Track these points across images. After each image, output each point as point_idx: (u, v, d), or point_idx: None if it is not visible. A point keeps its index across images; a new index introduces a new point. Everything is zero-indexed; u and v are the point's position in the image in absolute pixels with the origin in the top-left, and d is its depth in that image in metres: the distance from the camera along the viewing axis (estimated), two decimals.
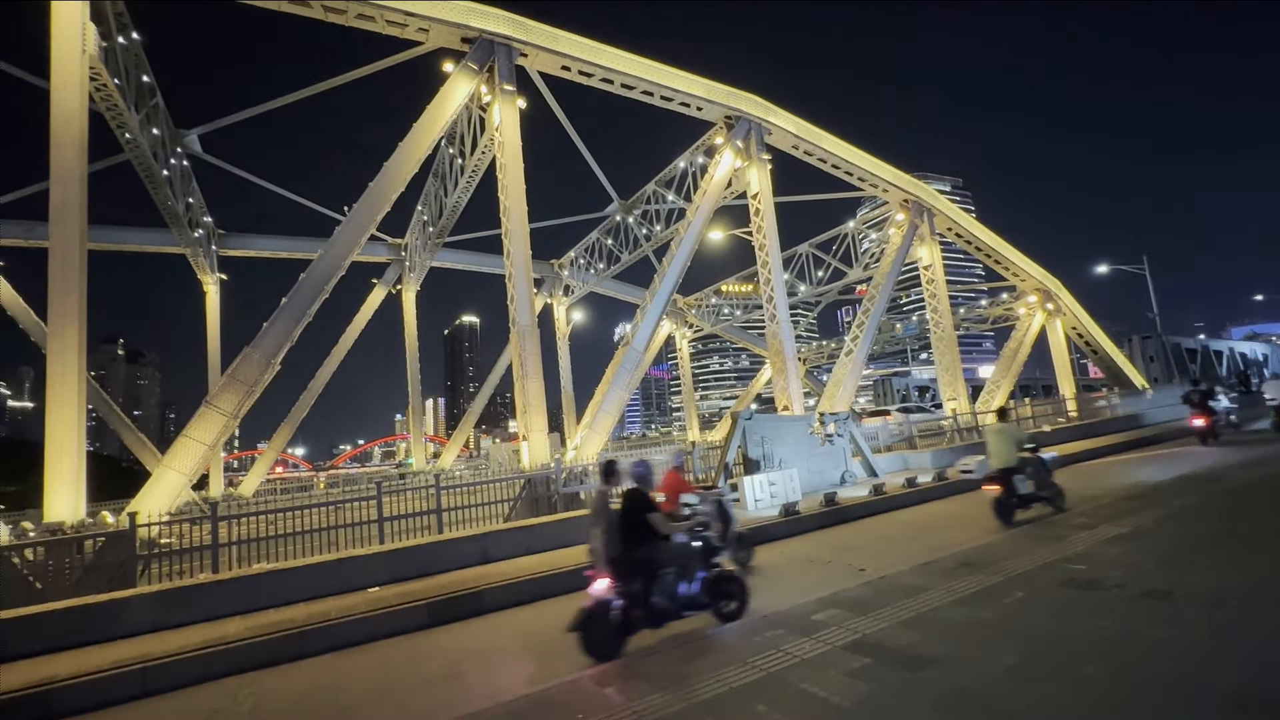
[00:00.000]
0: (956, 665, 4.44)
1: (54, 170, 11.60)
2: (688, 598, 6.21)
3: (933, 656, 4.62)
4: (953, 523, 9.11)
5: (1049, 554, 7.22)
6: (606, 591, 6.00)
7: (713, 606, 6.37)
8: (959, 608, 5.69)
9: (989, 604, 5.71)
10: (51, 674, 6.70)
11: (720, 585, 6.49)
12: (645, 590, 6.06)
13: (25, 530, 10.53)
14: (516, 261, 15.58)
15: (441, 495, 12.27)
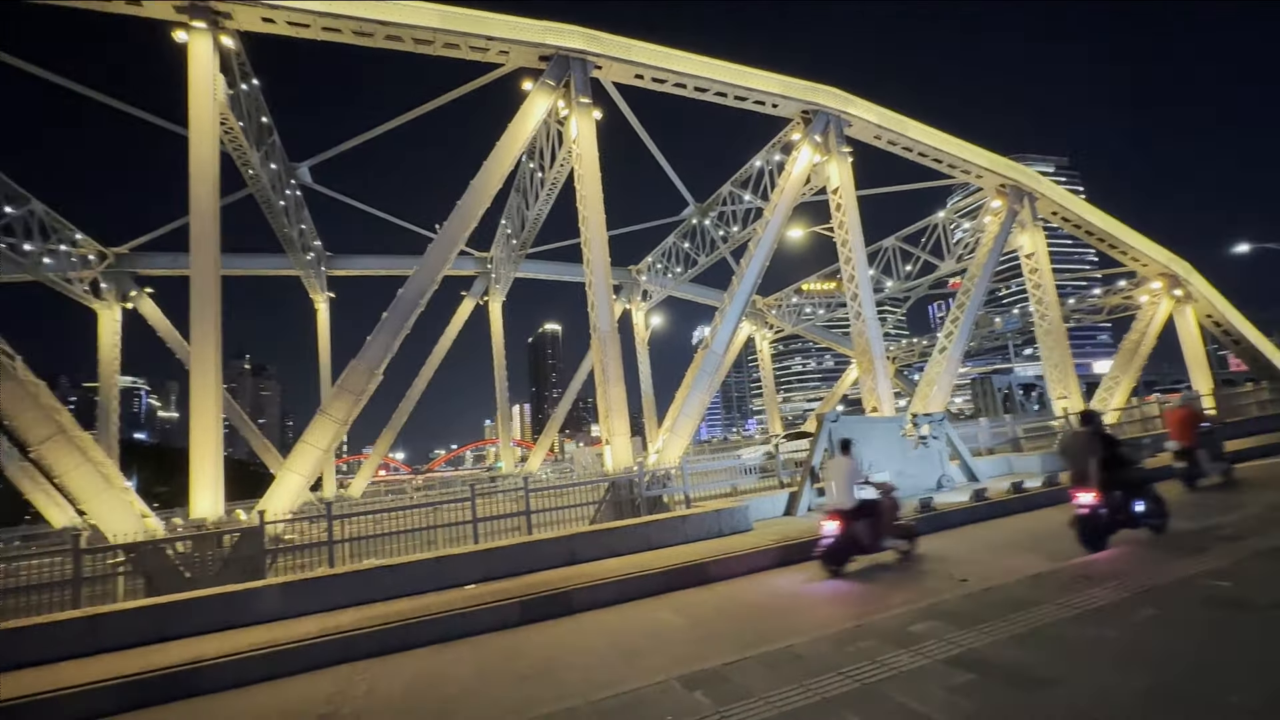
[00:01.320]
0: (1076, 687, 4.10)
1: (193, 207, 13.15)
2: (1140, 512, 8.22)
3: (1048, 676, 4.29)
4: (1066, 532, 8.39)
5: (1185, 568, 6.50)
6: (1095, 501, 7.95)
7: (1155, 520, 8.32)
8: (1078, 625, 5.24)
9: (1114, 622, 5.22)
10: (199, 654, 7.55)
11: (1153, 504, 8.37)
12: (1124, 502, 8.12)
13: (176, 526, 11.95)
14: (596, 269, 15.95)
15: (530, 498, 12.72)
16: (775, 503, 13.96)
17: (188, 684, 7.02)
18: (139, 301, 27.45)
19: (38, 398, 11.44)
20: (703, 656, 6.03)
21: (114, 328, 27.23)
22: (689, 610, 8.06)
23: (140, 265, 27.60)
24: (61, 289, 25.35)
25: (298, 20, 14.53)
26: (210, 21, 13.70)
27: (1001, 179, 25.39)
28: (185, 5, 13.46)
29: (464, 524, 12.37)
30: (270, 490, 12.62)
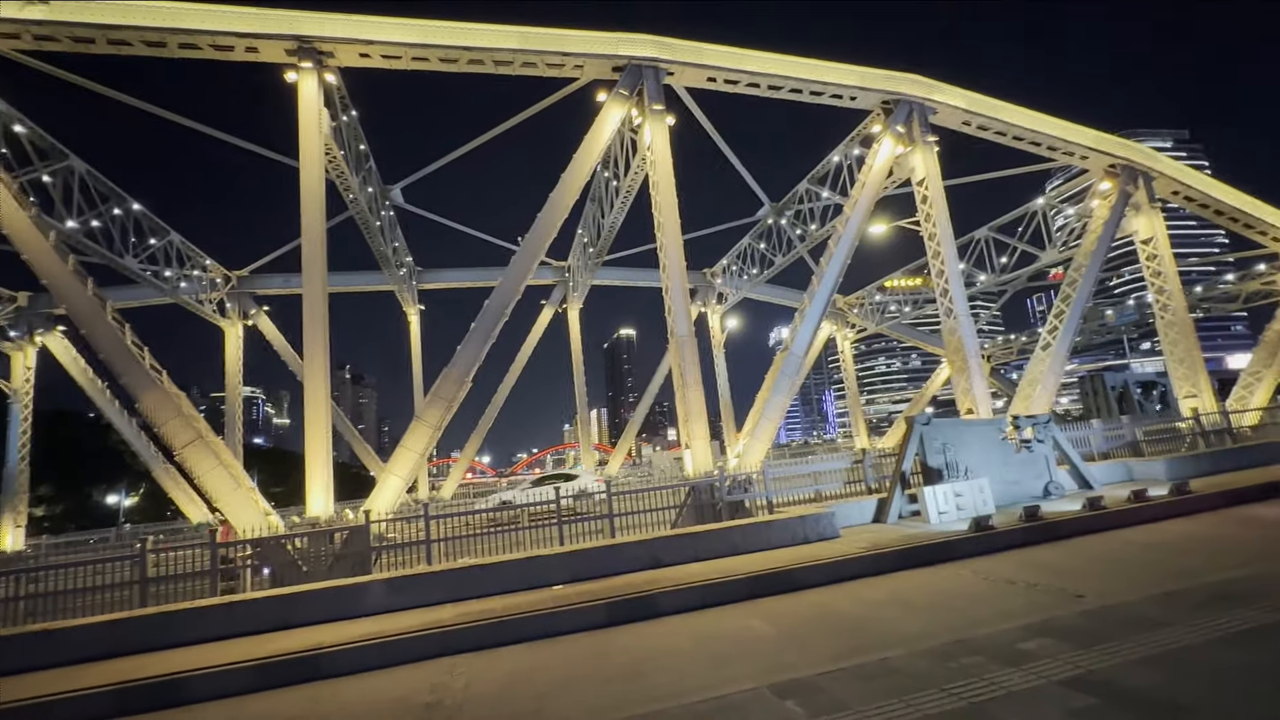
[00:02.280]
0: (1218, 716, 3.71)
1: (304, 231, 14.40)
2: None
3: (1184, 703, 3.90)
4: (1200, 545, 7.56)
5: None
6: None
7: None
8: (1219, 648, 4.73)
9: (1262, 646, 4.67)
10: (319, 641, 8.21)
11: None
12: None
13: (294, 523, 13.08)
14: (672, 274, 16.03)
15: (612, 501, 12.93)
16: (863, 509, 13.46)
17: (310, 668, 7.65)
18: (258, 319, 30.29)
19: (180, 407, 12.90)
20: (793, 665, 5.93)
21: (237, 343, 30.20)
22: (776, 618, 7.93)
23: (258, 286, 30.48)
24: (194, 309, 28.39)
25: (390, 53, 15.60)
26: (315, 61, 14.97)
27: (1111, 159, 23.32)
28: (295, 48, 14.78)
29: (549, 525, 12.75)
30: (374, 491, 13.57)
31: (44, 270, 13.23)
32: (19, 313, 27.32)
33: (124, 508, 60.62)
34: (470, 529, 12.88)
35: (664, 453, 42.98)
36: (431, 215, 27.65)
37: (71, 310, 13.52)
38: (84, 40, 14.01)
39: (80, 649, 8.85)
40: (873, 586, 9.02)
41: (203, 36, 14.30)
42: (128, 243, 22.54)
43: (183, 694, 7.30)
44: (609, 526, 13.11)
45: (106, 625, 9.11)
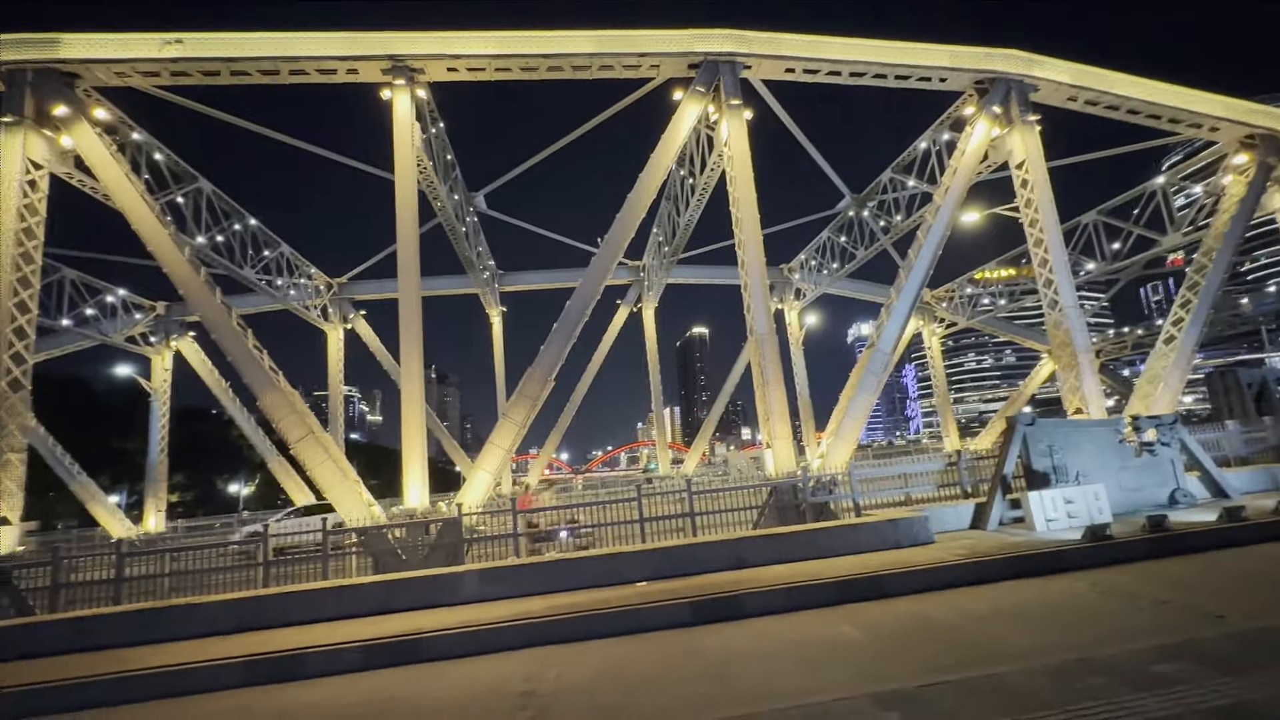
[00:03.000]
0: None
1: (399, 239, 15.32)
2: None
3: None
4: None
5: None
6: None
7: None
8: None
9: None
10: (419, 627, 8.69)
11: None
12: None
13: (394, 514, 13.94)
14: (751, 270, 15.79)
15: (693, 500, 12.91)
16: (959, 514, 12.72)
17: (412, 651, 8.11)
18: (355, 322, 32.48)
19: (294, 405, 14.05)
20: (890, 675, 5.69)
21: (338, 345, 32.52)
22: (868, 624, 7.64)
23: (355, 292, 32.67)
24: (301, 314, 30.81)
25: (475, 65, 16.28)
26: (408, 78, 15.86)
27: (1247, 129, 20.82)
28: (389, 67, 15.73)
29: (631, 523, 12.89)
30: (465, 486, 14.22)
31: (181, 282, 14.77)
32: (158, 321, 30.67)
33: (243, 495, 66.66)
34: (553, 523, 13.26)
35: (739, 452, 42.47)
36: (513, 220, 28.69)
37: (203, 317, 15.02)
38: (210, 74, 15.52)
39: (213, 623, 9.81)
40: (973, 596, 8.51)
41: (309, 62, 15.49)
42: (246, 255, 24.78)
43: (302, 668, 7.93)
44: (689, 525, 13.10)
45: (235, 602, 10.05)
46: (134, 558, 12.17)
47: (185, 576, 12.40)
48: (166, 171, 19.76)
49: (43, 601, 11.88)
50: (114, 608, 10.95)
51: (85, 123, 14.96)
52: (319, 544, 11.97)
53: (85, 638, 9.55)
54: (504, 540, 12.48)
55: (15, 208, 14.25)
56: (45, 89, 14.75)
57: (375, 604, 10.10)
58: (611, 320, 34.34)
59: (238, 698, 7.34)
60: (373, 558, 12.54)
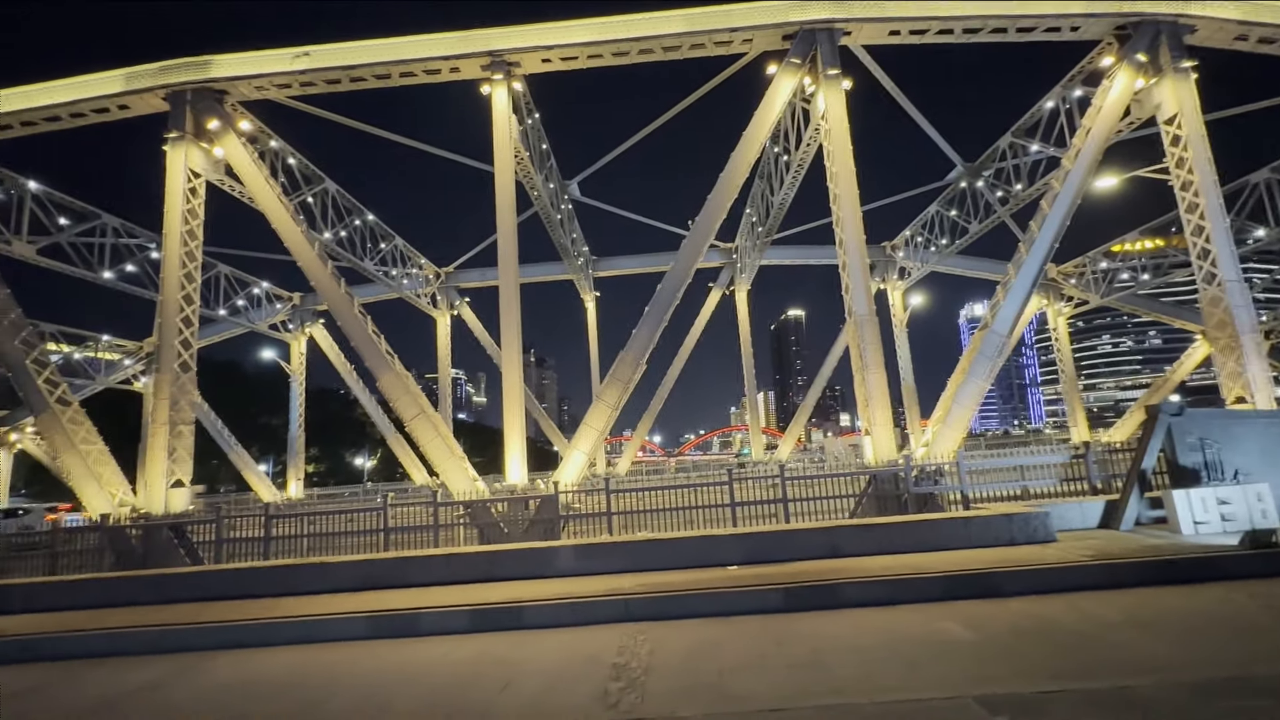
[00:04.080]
0: None
1: (499, 229, 16.04)
2: None
3: None
4: None
5: None
6: None
7: None
8: None
9: None
10: (519, 596, 9.20)
11: None
12: None
13: (496, 489, 14.80)
14: (850, 249, 15.06)
15: (786, 486, 12.66)
16: (1085, 512, 11.58)
17: (514, 618, 8.61)
18: (461, 309, 34.50)
19: (408, 386, 15.21)
20: (1002, 678, 5.32)
21: (446, 330, 34.71)
22: (977, 623, 7.17)
23: (460, 280, 34.64)
24: (413, 302, 33.14)
25: (568, 55, 16.57)
26: (505, 72, 16.44)
27: None
28: (488, 63, 16.37)
29: (722, 507, 12.85)
30: (561, 465, 14.81)
31: (312, 274, 16.34)
32: (294, 310, 34.17)
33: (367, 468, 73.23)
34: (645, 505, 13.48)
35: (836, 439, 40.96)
36: (605, 206, 29.12)
37: (331, 306, 16.55)
38: (333, 81, 16.90)
39: (342, 580, 10.91)
40: (1101, 601, 7.74)
41: (417, 64, 16.45)
42: (365, 248, 26.94)
43: (417, 627, 8.65)
44: (782, 511, 12.88)
45: (361, 564, 11.11)
46: (279, 520, 13.75)
47: (320, 538, 13.85)
48: (298, 174, 21.83)
49: (209, 553, 13.73)
50: (263, 562, 12.47)
51: (233, 134, 16.81)
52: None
53: (240, 586, 10.96)
54: (597, 518, 12.87)
55: (180, 212, 16.33)
56: (200, 106, 16.71)
57: (480, 572, 10.79)
58: (704, 303, 34.11)
59: (364, 649, 8.14)
60: (478, 529, 13.38)
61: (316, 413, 44.67)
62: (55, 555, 13.99)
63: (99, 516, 15.14)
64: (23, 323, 17.15)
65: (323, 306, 33.21)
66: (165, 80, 16.51)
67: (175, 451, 15.21)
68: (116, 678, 7.51)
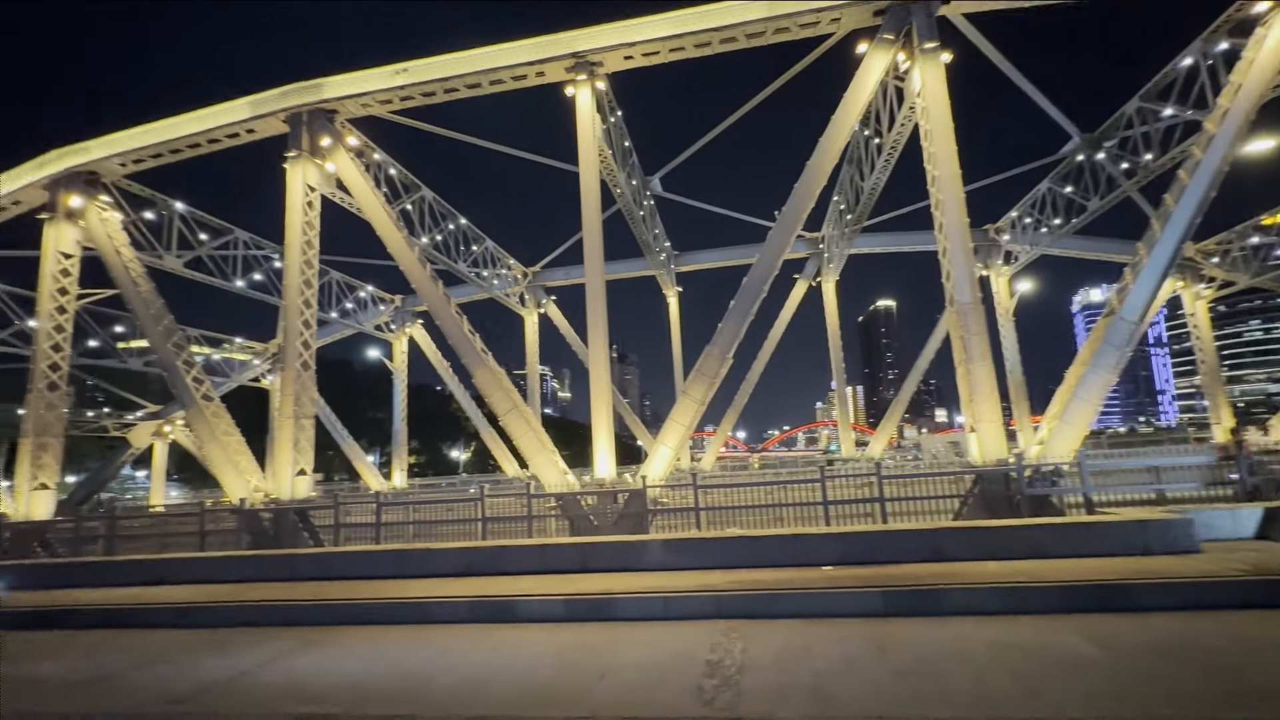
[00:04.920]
0: None
1: (585, 227, 16.36)
2: None
3: None
4: None
5: None
6: None
7: None
8: None
9: None
10: (610, 588, 9.36)
11: None
12: None
13: (585, 483, 15.15)
14: (951, 234, 14.11)
15: (883, 485, 12.10)
16: (1237, 520, 10.25)
17: (605, 609, 8.78)
18: (547, 307, 35.54)
19: (501, 382, 15.87)
20: (1135, 700, 4.83)
21: (534, 328, 35.92)
22: (1107, 639, 6.53)
23: (546, 279, 35.68)
24: (502, 301, 34.52)
25: (650, 50, 16.57)
26: (589, 72, 16.70)
27: None
28: (572, 65, 16.70)
29: (814, 505, 12.48)
30: (648, 460, 14.93)
31: (413, 277, 17.41)
32: (396, 311, 36.57)
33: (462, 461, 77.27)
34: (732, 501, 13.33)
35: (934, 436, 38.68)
36: (688, 200, 28.98)
37: (429, 306, 17.56)
38: (429, 94, 17.85)
39: (445, 566, 11.55)
40: (1262, 622, 6.84)
41: (505, 71, 17.06)
42: (458, 250, 28.35)
43: (514, 613, 9.01)
44: (878, 511, 12.32)
45: (462, 551, 11.72)
46: (388, 507, 14.77)
47: (423, 525, 14.76)
48: (398, 184, 23.29)
49: (329, 536, 14.99)
50: (375, 546, 13.46)
51: (342, 150, 18.17)
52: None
53: (355, 568, 11.88)
54: (685, 514, 12.87)
55: (299, 225, 17.88)
56: (314, 125, 18.18)
57: (572, 563, 11.08)
58: (789, 295, 33.21)
59: (466, 631, 8.59)
60: (568, 521, 13.76)
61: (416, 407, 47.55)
62: (204, 534, 15.77)
63: (237, 501, 16.92)
64: (174, 328, 19.42)
65: (422, 307, 35.34)
66: (284, 104, 18.09)
67: (299, 443, 16.69)
68: (261, 646, 8.36)
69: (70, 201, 19.79)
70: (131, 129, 19.75)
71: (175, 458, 43.59)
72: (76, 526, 17.31)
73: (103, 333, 28.68)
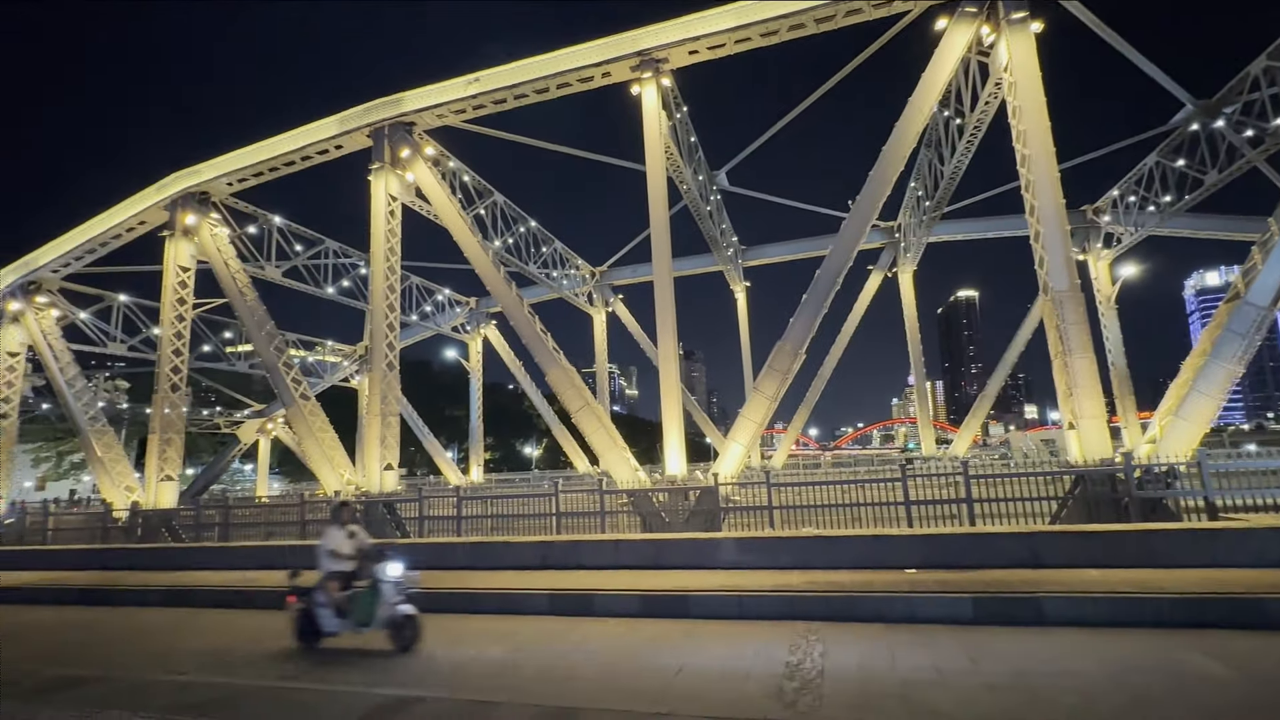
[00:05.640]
0: None
1: (652, 225, 16.37)
2: None
3: None
4: None
5: None
6: None
7: None
8: None
9: None
10: (684, 585, 9.35)
11: None
12: None
13: (656, 480, 15.20)
14: (1046, 217, 13.12)
15: (971, 485, 11.46)
16: None
17: (680, 606, 8.79)
18: (615, 305, 35.87)
19: (572, 380, 16.16)
20: None
21: (602, 326, 36.36)
22: (1237, 659, 5.91)
23: (613, 278, 36.03)
24: (571, 301, 35.13)
25: (715, 43, 16.36)
26: (654, 70, 16.68)
27: None
28: (637, 63, 16.73)
29: (894, 505, 11.98)
30: (719, 457, 14.80)
31: (488, 280, 18.01)
32: (471, 313, 38.00)
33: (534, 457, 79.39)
34: (805, 500, 12.98)
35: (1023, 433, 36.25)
36: (755, 193, 28.46)
37: (503, 308, 18.13)
38: (499, 101, 18.39)
39: (523, 558, 11.91)
40: None
41: (571, 74, 17.30)
42: (529, 252, 29.08)
43: (592, 607, 9.17)
44: (964, 512, 11.67)
45: (538, 544, 12.04)
46: (468, 501, 15.38)
47: (500, 519, 15.26)
48: (471, 190, 24.15)
49: (414, 528, 15.77)
50: (456, 538, 14.04)
51: (420, 160, 19.03)
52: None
53: (439, 558, 12.45)
54: (757, 512, 12.66)
55: (383, 233, 18.89)
56: (395, 138, 19.13)
57: (646, 559, 11.16)
58: (863, 288, 32.01)
59: (547, 622, 8.82)
60: (640, 517, 13.85)
61: (490, 405, 49.26)
62: (304, 523, 16.99)
63: (332, 493, 18.10)
64: (275, 333, 20.99)
65: (495, 309, 36.54)
66: (368, 120, 19.14)
67: (385, 439, 17.67)
68: None
69: (186, 220, 21.77)
70: (236, 151, 21.49)
71: (277, 452, 47.12)
72: (197, 515, 19.06)
73: (214, 339, 31.54)
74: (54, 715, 6.08)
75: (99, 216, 23.51)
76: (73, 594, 13.00)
